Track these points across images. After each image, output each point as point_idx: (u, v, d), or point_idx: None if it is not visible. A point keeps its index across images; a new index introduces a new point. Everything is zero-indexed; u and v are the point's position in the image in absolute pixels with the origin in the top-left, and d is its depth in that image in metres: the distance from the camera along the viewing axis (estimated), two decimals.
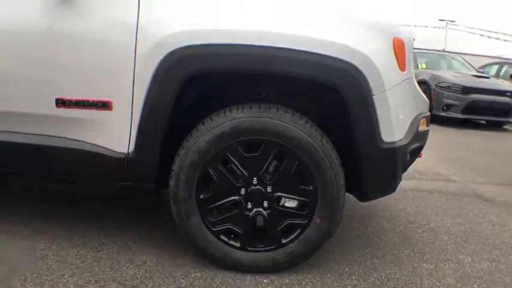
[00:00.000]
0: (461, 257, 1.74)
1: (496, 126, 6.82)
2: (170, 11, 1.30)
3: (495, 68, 8.99)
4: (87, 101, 1.34)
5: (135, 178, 1.41)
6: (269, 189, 1.39)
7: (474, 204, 2.50)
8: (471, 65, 8.03)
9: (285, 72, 1.31)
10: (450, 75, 6.73)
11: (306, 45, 1.28)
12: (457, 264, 1.66)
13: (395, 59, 1.42)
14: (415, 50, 8.17)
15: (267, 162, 1.37)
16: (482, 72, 7.95)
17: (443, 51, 15.25)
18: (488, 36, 26.72)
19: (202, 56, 1.27)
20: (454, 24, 25.89)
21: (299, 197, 1.40)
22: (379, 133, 1.37)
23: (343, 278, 1.49)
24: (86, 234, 1.69)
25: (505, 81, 7.21)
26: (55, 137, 1.41)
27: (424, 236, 1.94)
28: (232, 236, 1.43)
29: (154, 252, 1.56)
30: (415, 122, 1.54)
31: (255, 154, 1.36)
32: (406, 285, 1.48)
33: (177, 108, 1.34)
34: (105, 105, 1.34)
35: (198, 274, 1.44)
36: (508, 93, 6.46)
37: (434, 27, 26.13)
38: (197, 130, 1.35)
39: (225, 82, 1.45)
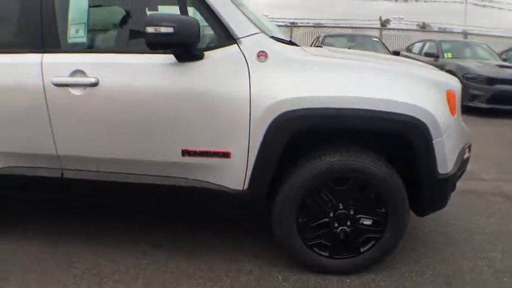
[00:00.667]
0: (494, 254, 2.19)
1: None
2: (274, 84, 1.71)
3: None
4: (209, 152, 1.77)
5: (246, 208, 1.87)
6: (351, 212, 1.85)
7: (502, 204, 2.94)
8: (495, 53, 8.21)
9: (365, 127, 1.73)
10: (475, 65, 6.97)
11: (382, 106, 1.69)
12: (491, 261, 2.12)
13: (448, 108, 1.83)
14: (439, 38, 8.37)
15: (352, 193, 1.81)
16: (506, 60, 8.08)
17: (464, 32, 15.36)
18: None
19: (302, 117, 1.69)
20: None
21: (374, 217, 1.86)
22: (436, 168, 1.80)
23: (405, 276, 1.96)
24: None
25: None
26: (181, 178, 1.85)
27: (463, 236, 2.39)
28: (322, 247, 1.90)
29: (256, 263, 2.03)
30: (461, 153, 1.97)
31: (343, 187, 1.81)
32: (453, 280, 1.94)
33: None
34: (225, 155, 1.77)
35: (296, 278, 1.91)
36: None
37: (454, 1, 26.07)
38: (298, 171, 1.78)
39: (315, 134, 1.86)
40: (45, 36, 1.86)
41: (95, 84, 1.77)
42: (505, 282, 1.94)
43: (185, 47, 1.68)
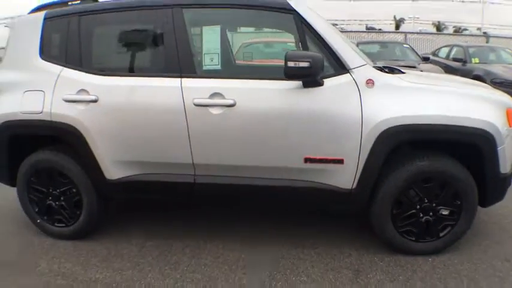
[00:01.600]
0: None
1: None
2: (380, 106, 2.30)
3: None
4: (327, 159, 2.36)
5: (353, 203, 2.46)
6: (434, 204, 2.44)
7: None
8: None
9: (449, 138, 2.33)
10: (502, 70, 7.54)
11: (461, 122, 2.29)
12: None
13: (507, 121, 2.43)
14: (465, 43, 9.08)
15: (435, 189, 2.41)
16: None
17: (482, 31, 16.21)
18: None
19: (401, 132, 2.28)
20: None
21: (451, 208, 2.45)
22: (499, 168, 2.39)
23: (473, 254, 2.55)
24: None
25: None
26: (303, 180, 2.43)
27: (510, 223, 3.00)
28: (410, 233, 2.49)
29: (354, 247, 2.62)
30: None
31: (429, 184, 2.40)
32: (510, 257, 2.53)
33: None
34: (339, 161, 2.36)
35: (389, 258, 2.50)
36: None
37: (471, 1, 27.38)
38: (395, 173, 2.37)
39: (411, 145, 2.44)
40: (181, 64, 2.43)
41: (232, 105, 2.35)
42: None
43: (313, 77, 2.26)
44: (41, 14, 2.69)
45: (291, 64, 2.18)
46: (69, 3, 2.74)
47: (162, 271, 2.41)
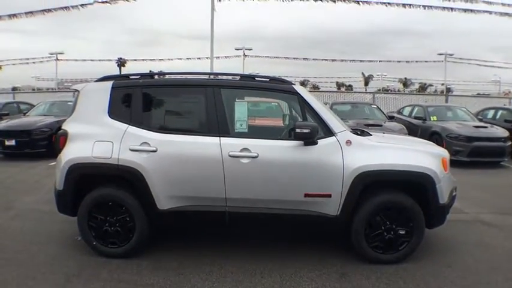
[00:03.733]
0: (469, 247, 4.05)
1: (494, 164, 9.26)
2: (355, 158, 3.59)
3: (492, 112, 11.76)
4: (320, 194, 3.59)
5: (338, 225, 3.66)
6: (394, 225, 3.68)
7: (479, 227, 4.86)
8: (472, 114, 10.92)
9: (403, 178, 3.64)
10: (456, 126, 9.40)
11: (411, 167, 3.62)
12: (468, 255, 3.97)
13: (443, 167, 3.79)
14: (425, 103, 11.66)
15: (394, 214, 3.66)
16: (481, 120, 10.56)
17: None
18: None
19: (370, 175, 3.56)
20: (452, 57, 32.02)
21: (407, 228, 3.69)
22: (438, 199, 3.70)
23: (422, 262, 3.79)
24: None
25: (499, 128, 9.66)
26: (302, 209, 3.62)
27: (447, 240, 4.27)
28: (378, 247, 3.69)
29: (340, 261, 3.79)
30: (451, 191, 3.90)
31: (390, 211, 3.65)
32: (452, 264, 3.77)
33: None
34: (328, 196, 3.58)
35: (364, 266, 3.68)
36: (502, 139, 9.12)
37: (434, 61, 32.26)
38: (366, 203, 3.61)
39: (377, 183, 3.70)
40: (220, 127, 3.65)
41: (256, 157, 3.57)
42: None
43: (312, 139, 3.54)
44: (109, 83, 3.86)
45: (298, 130, 3.47)
46: (130, 76, 3.95)
47: (201, 277, 3.43)
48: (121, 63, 30.84)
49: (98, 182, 3.78)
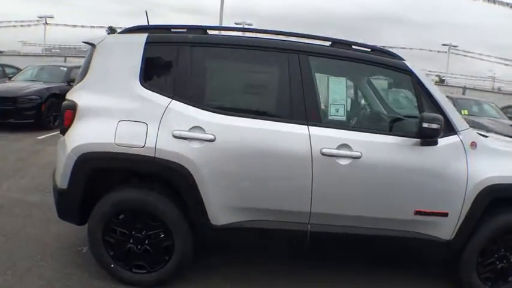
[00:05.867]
0: None
1: None
2: (482, 166, 2.58)
3: None
4: (434, 212, 2.56)
5: (448, 253, 2.66)
6: (508, 252, 2.73)
7: None
8: (499, 109, 10.36)
9: None
10: (489, 123, 8.41)
11: None
12: None
13: None
14: (455, 97, 10.52)
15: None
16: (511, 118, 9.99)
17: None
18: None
19: (502, 190, 2.57)
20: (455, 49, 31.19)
21: None
22: None
23: None
24: None
25: None
26: (408, 231, 2.58)
27: None
28: (488, 279, 2.75)
29: None
30: None
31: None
32: None
33: None
34: (444, 215, 2.58)
35: None
36: None
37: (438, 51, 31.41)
38: (484, 225, 2.62)
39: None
40: (307, 111, 2.51)
41: (359, 157, 2.48)
42: None
43: (437, 137, 2.48)
44: (142, 37, 2.57)
45: (426, 125, 2.41)
46: (172, 30, 2.62)
47: None
48: (111, 31, 27.89)
49: (121, 180, 2.55)
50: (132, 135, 2.40)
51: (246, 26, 32.22)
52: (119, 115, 2.44)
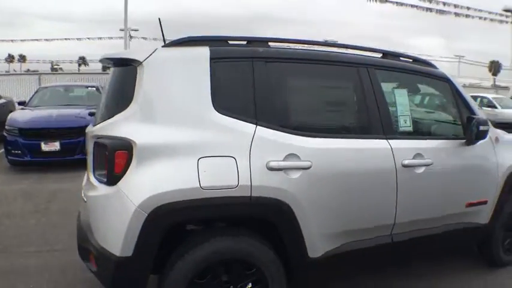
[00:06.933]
0: None
1: None
2: (505, 155, 2.93)
3: None
4: (480, 202, 2.81)
5: (484, 237, 2.96)
6: None
7: None
8: None
9: None
10: None
11: None
12: None
13: None
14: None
15: None
16: None
17: None
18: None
19: None
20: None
21: None
22: None
23: None
24: None
25: None
26: (460, 223, 2.78)
27: None
28: (510, 250, 3.17)
29: None
30: None
31: None
32: None
33: None
34: (485, 203, 2.85)
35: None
36: None
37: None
38: (507, 204, 3.02)
39: None
40: (384, 124, 2.43)
41: (430, 164, 2.53)
42: None
43: (485, 137, 2.74)
44: (204, 51, 2.09)
45: (482, 128, 2.62)
46: (229, 41, 2.16)
47: None
48: None
49: (193, 229, 2.05)
50: (221, 175, 1.94)
51: (132, 32, 29.88)
52: (196, 151, 1.92)
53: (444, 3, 19.25)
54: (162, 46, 2.12)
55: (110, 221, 1.92)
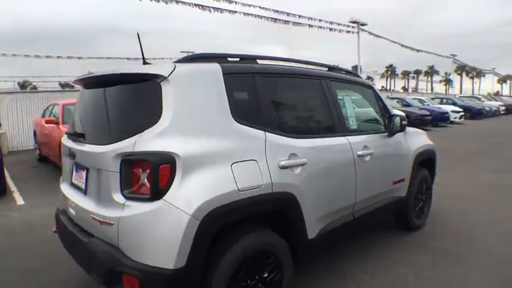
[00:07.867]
0: None
1: None
2: (412, 142, 3.91)
3: None
4: (400, 180, 3.70)
5: (405, 206, 3.87)
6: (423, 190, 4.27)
7: None
8: None
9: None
10: None
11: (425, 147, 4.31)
12: None
13: None
14: None
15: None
16: None
17: None
18: None
19: (422, 153, 4.05)
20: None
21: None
22: None
23: None
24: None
25: None
26: (389, 197, 3.61)
27: None
28: (418, 216, 4.17)
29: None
30: None
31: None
32: None
33: None
34: (403, 180, 3.75)
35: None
36: None
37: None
38: (416, 179, 4.02)
39: None
40: (341, 124, 3.05)
41: (373, 153, 3.25)
42: None
43: (393, 134, 3.59)
44: (216, 67, 2.33)
45: (404, 123, 3.51)
46: (228, 58, 2.44)
47: None
48: None
49: (236, 227, 2.26)
50: (251, 176, 2.20)
51: None
52: (228, 158, 2.15)
53: (299, 16, 20.62)
54: (174, 62, 2.23)
55: (159, 236, 1.94)
